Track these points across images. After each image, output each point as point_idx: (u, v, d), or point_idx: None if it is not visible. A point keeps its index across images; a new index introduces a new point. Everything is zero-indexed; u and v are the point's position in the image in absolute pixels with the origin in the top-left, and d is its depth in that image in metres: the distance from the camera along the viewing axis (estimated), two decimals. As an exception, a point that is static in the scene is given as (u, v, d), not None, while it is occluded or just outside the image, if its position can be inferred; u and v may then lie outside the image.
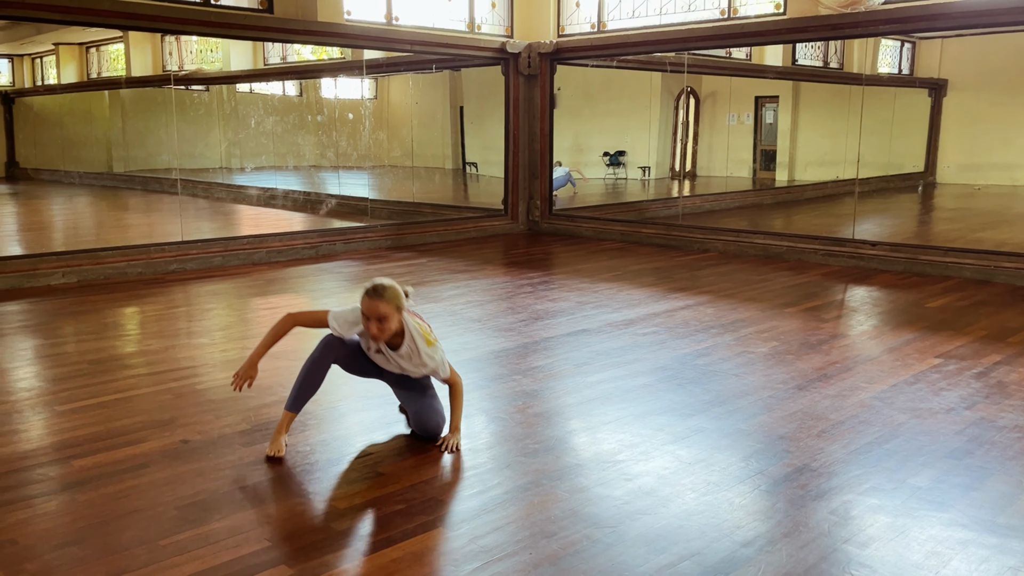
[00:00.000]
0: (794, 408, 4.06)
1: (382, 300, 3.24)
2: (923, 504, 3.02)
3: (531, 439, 3.67)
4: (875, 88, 14.27)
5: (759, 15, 9.35)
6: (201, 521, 2.86)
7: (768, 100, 15.26)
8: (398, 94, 16.50)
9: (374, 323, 3.26)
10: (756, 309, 6.28)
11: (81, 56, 16.18)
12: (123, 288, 7.16)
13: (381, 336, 3.29)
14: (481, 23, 10.81)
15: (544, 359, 4.98)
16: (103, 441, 3.60)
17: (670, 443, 3.60)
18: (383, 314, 3.25)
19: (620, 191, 15.10)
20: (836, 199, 13.19)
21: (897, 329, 5.74)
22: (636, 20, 10.42)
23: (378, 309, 3.24)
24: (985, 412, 4.00)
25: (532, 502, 3.03)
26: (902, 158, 15.25)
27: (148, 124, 15.43)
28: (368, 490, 3.16)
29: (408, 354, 3.42)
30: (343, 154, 14.77)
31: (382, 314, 3.25)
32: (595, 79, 13.86)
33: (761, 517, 2.93)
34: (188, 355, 5.05)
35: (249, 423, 3.83)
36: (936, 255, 7.84)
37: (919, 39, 14.32)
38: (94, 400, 4.17)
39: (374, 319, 3.26)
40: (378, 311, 3.24)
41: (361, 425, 3.86)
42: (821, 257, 8.45)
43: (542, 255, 9.24)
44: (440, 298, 6.73)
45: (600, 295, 6.80)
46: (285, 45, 13.68)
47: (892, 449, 3.53)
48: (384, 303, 3.25)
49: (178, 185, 11.87)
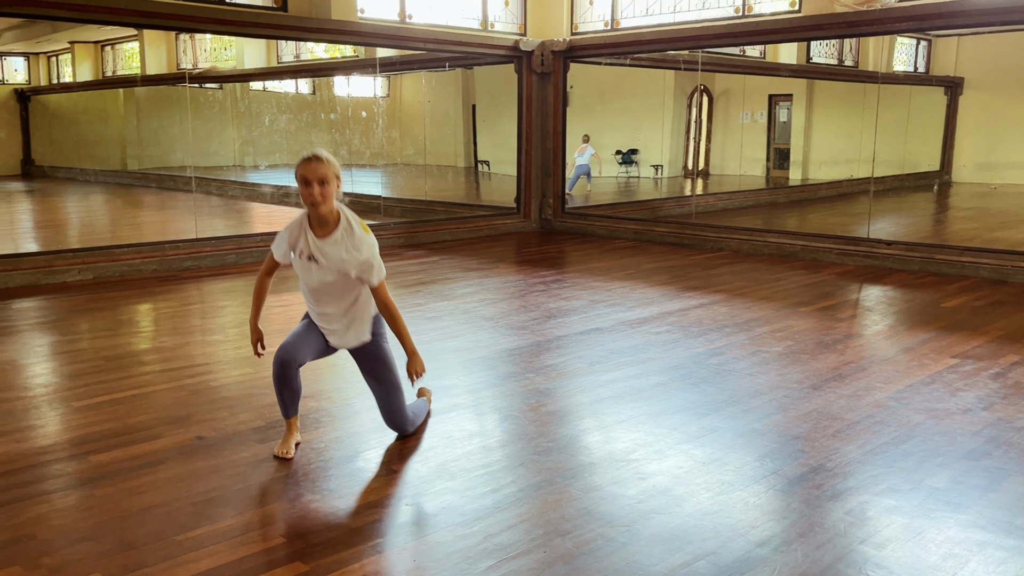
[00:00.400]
0: (809, 408, 4.04)
1: (322, 162, 3.16)
2: (940, 505, 2.99)
3: (544, 437, 3.66)
4: (890, 86, 14.17)
5: (774, 13, 9.30)
6: (216, 517, 2.87)
7: (782, 98, 15.18)
8: (411, 92, 16.52)
9: (315, 187, 3.14)
10: (770, 308, 6.25)
11: (96, 54, 16.29)
12: (138, 285, 7.20)
13: (323, 202, 3.16)
14: (494, 21, 10.81)
15: (557, 357, 4.98)
16: (119, 437, 3.63)
17: (684, 442, 3.59)
18: (323, 175, 3.15)
19: (633, 189, 15.06)
20: (851, 198, 13.11)
21: (913, 329, 5.70)
22: (650, 18, 10.38)
23: (318, 171, 3.15)
24: (1003, 413, 3.97)
25: (546, 500, 3.03)
26: (918, 157, 15.14)
27: (163, 122, 15.52)
28: (382, 487, 3.17)
29: (341, 238, 3.24)
30: (356, 152, 14.79)
31: (322, 176, 3.15)
32: (608, 77, 13.81)
33: (776, 517, 2.92)
34: (202, 352, 5.08)
35: (264, 420, 3.85)
36: (952, 255, 7.78)
37: (935, 37, 14.20)
38: (110, 396, 4.19)
39: (316, 181, 3.14)
40: (319, 173, 3.14)
41: (375, 422, 3.86)
42: (836, 256, 8.40)
43: (555, 253, 9.23)
44: (453, 296, 6.74)
45: (613, 293, 6.78)
46: (299, 43, 13.72)
47: (908, 450, 3.51)
48: (324, 165, 3.16)
49: (192, 183, 11.93)
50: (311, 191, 3.16)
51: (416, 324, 5.78)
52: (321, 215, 3.22)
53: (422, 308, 6.28)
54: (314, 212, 3.22)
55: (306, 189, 3.17)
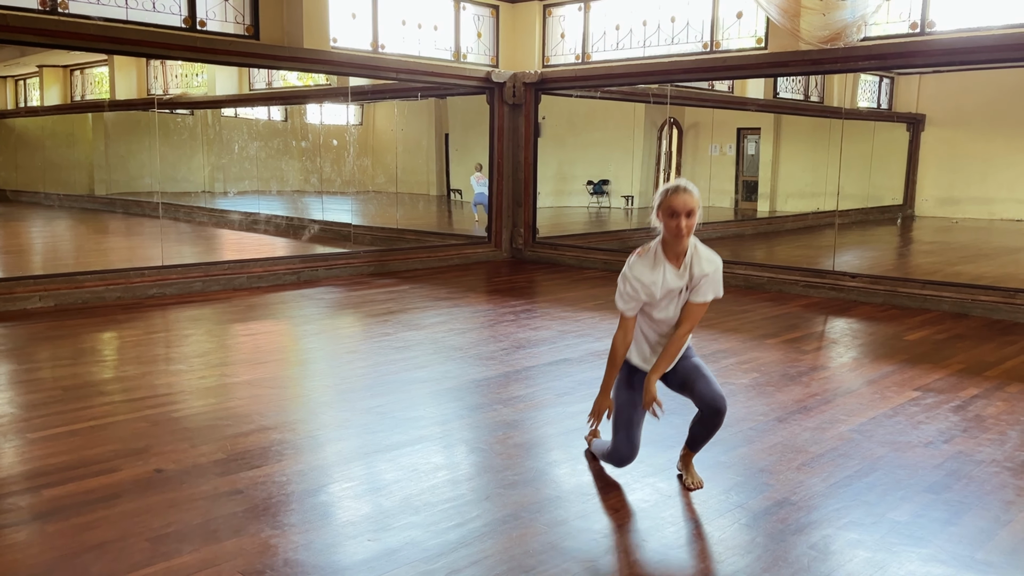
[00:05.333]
0: (774, 440, 4.06)
1: (689, 194, 3.19)
2: (902, 539, 3.01)
3: (511, 470, 3.64)
4: (855, 122, 14.47)
5: (741, 49, 9.49)
6: (173, 553, 2.80)
7: (750, 132, 15.43)
8: (384, 120, 16.54)
9: (683, 219, 3.16)
10: (737, 340, 6.30)
11: (65, 78, 16.13)
12: (101, 313, 7.08)
13: (687, 233, 3.20)
14: (467, 52, 10.90)
15: (525, 388, 4.96)
16: (75, 470, 3.54)
17: (650, 475, 3.59)
18: (693, 208, 3.18)
19: (604, 220, 15.17)
20: (817, 230, 13.31)
21: (876, 361, 5.77)
22: (620, 52, 10.54)
23: (688, 203, 3.17)
24: (963, 446, 4.02)
25: (511, 535, 3.00)
26: (881, 191, 15.44)
27: (131, 147, 15.36)
28: (344, 522, 3.12)
29: (693, 260, 3.29)
30: (327, 180, 14.75)
31: (692, 208, 3.17)
32: (579, 109, 13.96)
33: (741, 552, 2.92)
34: (165, 382, 4.99)
35: (225, 452, 3.78)
36: (915, 288, 7.91)
37: (897, 75, 14.56)
38: (67, 428, 4.10)
39: (683, 214, 3.16)
40: (688, 205, 3.16)
41: (339, 455, 3.82)
42: (802, 288, 8.51)
43: (525, 283, 9.24)
44: (422, 326, 6.71)
45: (582, 324, 6.79)
46: (271, 71, 13.70)
47: (871, 483, 3.54)
48: (692, 197, 3.19)
49: (160, 209, 11.80)
50: (678, 222, 3.17)
51: (384, 354, 5.74)
52: (682, 247, 3.25)
53: (391, 338, 6.24)
54: (676, 244, 3.24)
55: (672, 221, 3.18)
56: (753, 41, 9.51)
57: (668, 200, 3.19)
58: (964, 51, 7.58)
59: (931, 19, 8.17)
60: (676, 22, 9.99)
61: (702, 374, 3.41)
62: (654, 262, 3.29)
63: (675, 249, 3.26)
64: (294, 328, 6.94)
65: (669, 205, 3.18)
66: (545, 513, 3.19)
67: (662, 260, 3.28)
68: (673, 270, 3.28)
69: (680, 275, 3.29)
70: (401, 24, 10.19)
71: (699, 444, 3.52)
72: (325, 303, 7.92)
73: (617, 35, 10.56)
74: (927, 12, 8.18)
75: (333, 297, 8.17)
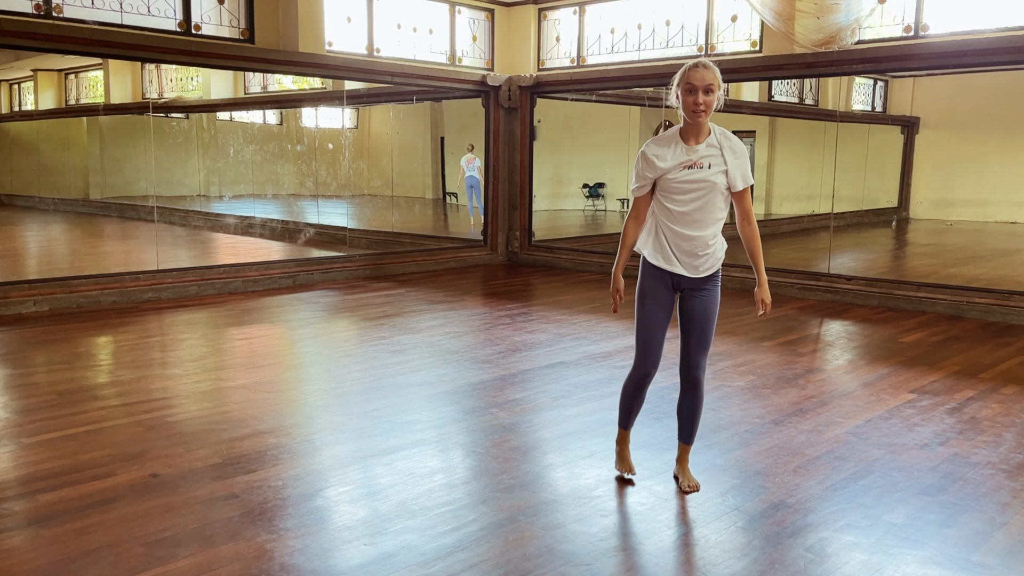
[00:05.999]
0: (770, 443, 4.07)
1: (708, 69, 3.13)
2: (898, 541, 3.02)
3: (507, 474, 3.64)
4: (849, 124, 14.52)
5: (736, 52, 9.51)
6: (168, 559, 2.80)
7: (745, 135, 15.45)
8: (379, 124, 16.54)
9: (700, 94, 3.10)
10: (733, 343, 6.31)
11: (60, 82, 16.10)
12: (96, 317, 7.07)
13: (708, 110, 3.13)
14: (462, 56, 10.91)
15: (521, 392, 4.96)
16: (70, 475, 3.53)
17: (647, 478, 3.59)
18: (710, 84, 3.11)
19: (600, 223, 15.18)
20: (812, 233, 13.34)
21: (872, 364, 5.79)
22: (615, 55, 10.56)
23: (706, 78, 3.11)
24: (958, 448, 4.02)
25: (508, 539, 2.99)
26: (876, 193, 15.48)
27: (126, 151, 15.33)
28: (340, 526, 3.11)
29: (719, 141, 3.21)
30: (323, 183, 14.75)
31: (709, 83, 3.11)
32: (574, 112, 13.98)
33: (737, 555, 2.92)
34: (161, 386, 4.98)
35: (221, 457, 3.77)
36: (910, 290, 7.93)
37: (892, 78, 14.61)
38: (62, 432, 4.09)
39: (701, 89, 3.10)
40: (706, 80, 3.10)
41: (335, 459, 3.81)
42: (797, 291, 8.52)
43: (521, 286, 9.24)
44: (418, 329, 6.70)
45: (578, 327, 6.80)
46: (266, 75, 13.70)
47: (867, 485, 3.54)
48: (711, 72, 3.13)
49: (155, 212, 11.78)
50: (696, 99, 3.10)
51: (380, 358, 5.74)
52: (700, 126, 3.18)
53: (387, 341, 6.24)
54: (694, 122, 3.15)
55: (690, 97, 3.12)
56: (748, 44, 9.53)
57: (687, 75, 3.14)
58: (958, 54, 7.61)
59: (925, 22, 8.20)
60: (671, 25, 10.02)
61: (699, 333, 3.34)
62: (668, 140, 3.25)
63: (694, 130, 3.19)
64: (289, 332, 6.93)
65: (687, 80, 3.14)
66: (541, 517, 3.19)
67: (676, 139, 3.23)
68: (685, 147, 3.21)
69: (692, 150, 3.19)
70: (396, 28, 10.20)
71: (688, 432, 3.50)
72: (321, 307, 7.92)
73: (612, 38, 10.58)
74: (921, 15, 8.21)
75: (329, 301, 8.16)
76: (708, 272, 3.30)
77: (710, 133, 3.23)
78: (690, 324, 3.36)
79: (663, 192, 3.25)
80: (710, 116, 3.19)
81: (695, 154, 3.19)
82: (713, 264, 3.30)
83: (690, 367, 3.41)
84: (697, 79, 3.12)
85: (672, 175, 3.20)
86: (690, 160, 3.19)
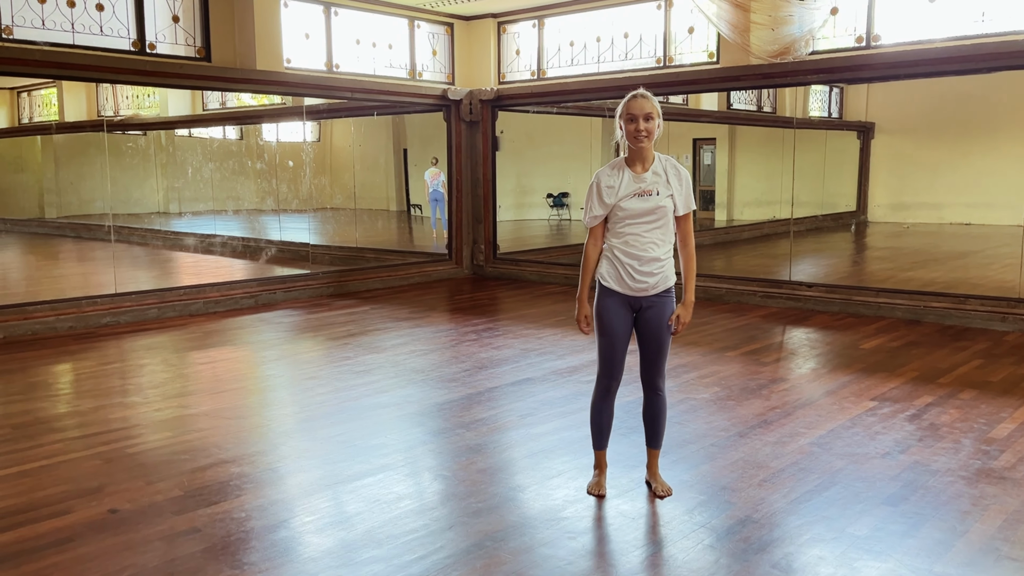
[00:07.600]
0: (736, 457, 4.09)
1: (647, 99, 3.33)
2: (863, 554, 3.05)
3: (475, 497, 3.61)
4: (807, 131, 14.76)
5: (693, 64, 9.62)
6: (128, 600, 2.73)
7: (706, 142, 15.65)
8: (341, 137, 16.44)
9: (641, 122, 3.29)
10: (697, 353, 6.35)
11: (12, 101, 15.77)
12: (53, 344, 6.91)
13: (649, 136, 3.31)
14: (423, 70, 10.91)
15: (488, 411, 4.95)
16: (25, 514, 3.44)
17: (615, 497, 3.59)
18: (649, 111, 3.30)
19: (564, 232, 15.23)
20: (773, 239, 13.52)
21: (833, 372, 5.86)
22: (575, 68, 10.63)
23: (644, 107, 3.30)
24: (918, 456, 4.09)
25: (475, 567, 2.97)
26: (835, 198, 15.73)
27: (82, 170, 15.06)
28: (306, 559, 3.07)
29: (663, 169, 3.39)
30: (284, 199, 14.61)
31: (648, 111, 3.30)
32: (537, 122, 14.01)
33: (705, 574, 2.93)
34: (120, 416, 4.88)
35: (182, 489, 3.70)
36: (869, 296, 8.06)
37: (847, 85, 14.89)
38: (17, 468, 3.98)
39: (641, 117, 3.29)
40: (645, 109, 3.30)
41: (300, 487, 3.76)
42: (760, 299, 8.62)
43: (487, 300, 9.23)
44: (383, 348, 6.66)
45: (544, 341, 6.80)
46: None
47: (831, 497, 3.58)
48: (649, 101, 3.32)
49: (111, 232, 11.58)
50: (637, 126, 3.30)
51: (345, 379, 5.68)
52: (644, 152, 3.34)
53: (351, 362, 6.18)
54: (637, 148, 3.34)
55: (631, 125, 3.32)
56: (705, 56, 9.65)
57: (627, 106, 3.35)
58: (909, 64, 7.77)
59: (876, 32, 8.37)
60: (629, 38, 10.11)
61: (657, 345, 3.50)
62: (617, 169, 3.42)
63: (639, 157, 3.37)
64: (253, 354, 6.84)
65: (627, 111, 3.34)
66: (510, 541, 3.17)
67: (623, 166, 3.41)
68: (632, 174, 3.38)
69: (639, 178, 3.37)
70: (355, 43, 10.16)
71: (654, 436, 3.64)
72: (284, 327, 7.83)
73: (572, 51, 10.65)
74: (872, 26, 8.39)
75: (292, 321, 8.07)
76: (662, 288, 3.45)
77: (655, 160, 3.41)
78: (648, 338, 3.52)
79: (616, 219, 3.41)
80: (653, 142, 3.37)
81: (643, 182, 3.37)
82: (665, 280, 3.45)
83: (651, 376, 3.60)
84: (636, 108, 3.33)
85: (625, 203, 3.37)
86: (639, 188, 3.37)
